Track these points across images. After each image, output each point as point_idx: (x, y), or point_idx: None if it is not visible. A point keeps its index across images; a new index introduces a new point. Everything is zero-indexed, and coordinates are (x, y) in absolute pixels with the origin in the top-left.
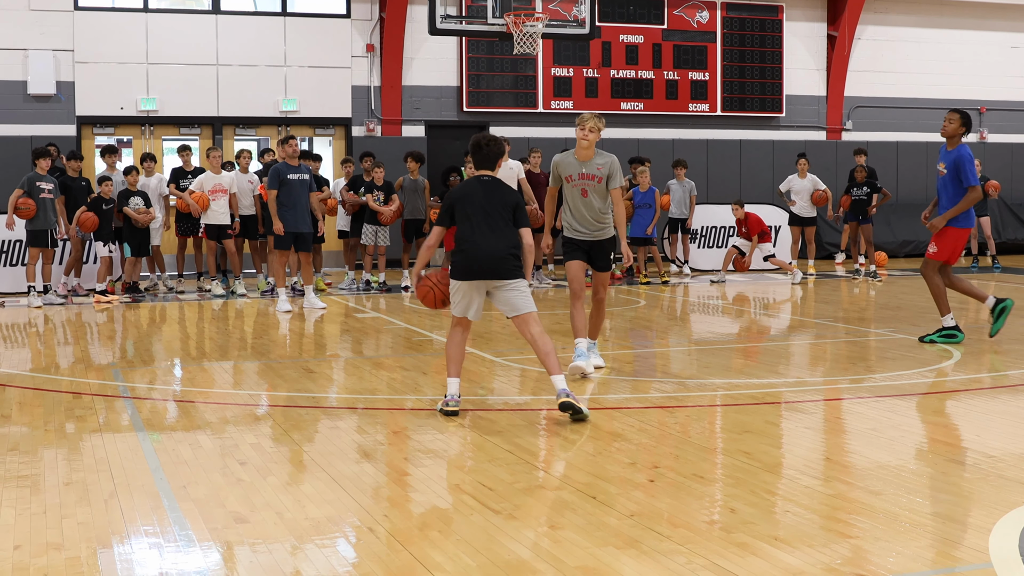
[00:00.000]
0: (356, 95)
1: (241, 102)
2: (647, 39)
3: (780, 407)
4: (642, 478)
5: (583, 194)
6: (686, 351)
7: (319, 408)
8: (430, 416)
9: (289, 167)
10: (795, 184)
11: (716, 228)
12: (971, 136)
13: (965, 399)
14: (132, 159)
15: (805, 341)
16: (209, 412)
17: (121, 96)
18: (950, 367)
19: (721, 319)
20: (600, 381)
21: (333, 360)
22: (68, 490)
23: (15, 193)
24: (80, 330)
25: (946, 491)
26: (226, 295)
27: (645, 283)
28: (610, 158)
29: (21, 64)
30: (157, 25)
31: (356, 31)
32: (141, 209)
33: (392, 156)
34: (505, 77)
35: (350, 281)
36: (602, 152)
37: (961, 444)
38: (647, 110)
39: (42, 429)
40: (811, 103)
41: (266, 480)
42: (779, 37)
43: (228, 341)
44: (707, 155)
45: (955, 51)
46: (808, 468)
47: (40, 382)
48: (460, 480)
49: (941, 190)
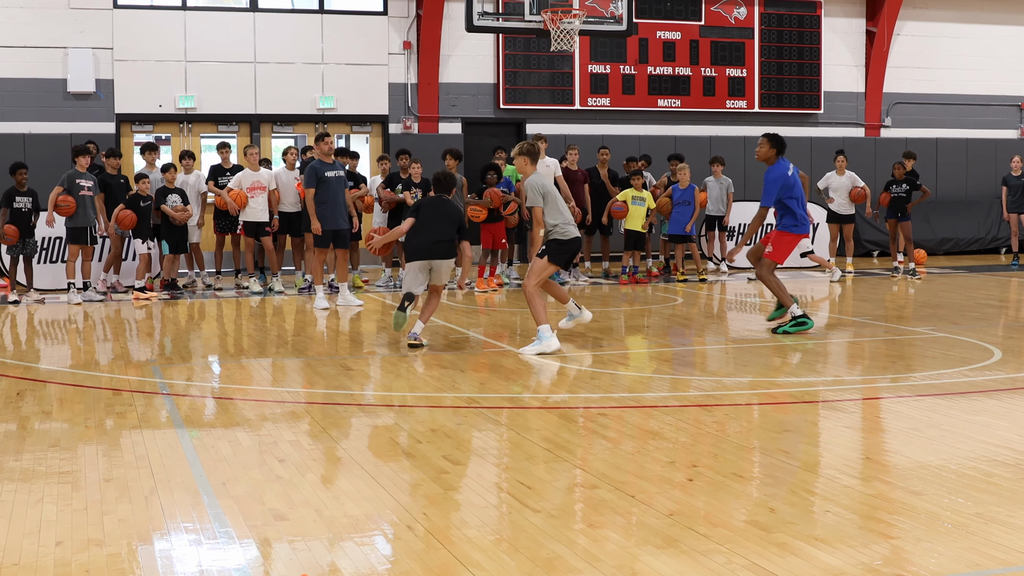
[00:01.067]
0: (393, 92)
1: (278, 99)
2: (684, 35)
3: (819, 406)
4: (681, 477)
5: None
6: (724, 349)
7: (357, 405)
8: (468, 414)
9: (325, 164)
10: (833, 181)
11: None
12: (1011, 132)
13: (1006, 398)
14: (171, 156)
15: (844, 339)
16: (247, 409)
17: (159, 94)
18: (991, 366)
19: (759, 317)
20: (638, 379)
21: (370, 357)
22: (108, 486)
23: (55, 190)
24: (119, 327)
25: (988, 492)
26: (264, 292)
27: (682, 280)
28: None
29: (61, 62)
30: (195, 23)
31: (393, 28)
32: (178, 207)
33: (429, 153)
34: (542, 74)
35: (387, 278)
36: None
37: (1003, 444)
38: (684, 107)
39: (82, 425)
40: (849, 99)
41: (304, 477)
42: (817, 33)
43: (266, 338)
44: (745, 152)
45: (995, 47)
46: (848, 467)
47: (80, 378)
48: (498, 478)
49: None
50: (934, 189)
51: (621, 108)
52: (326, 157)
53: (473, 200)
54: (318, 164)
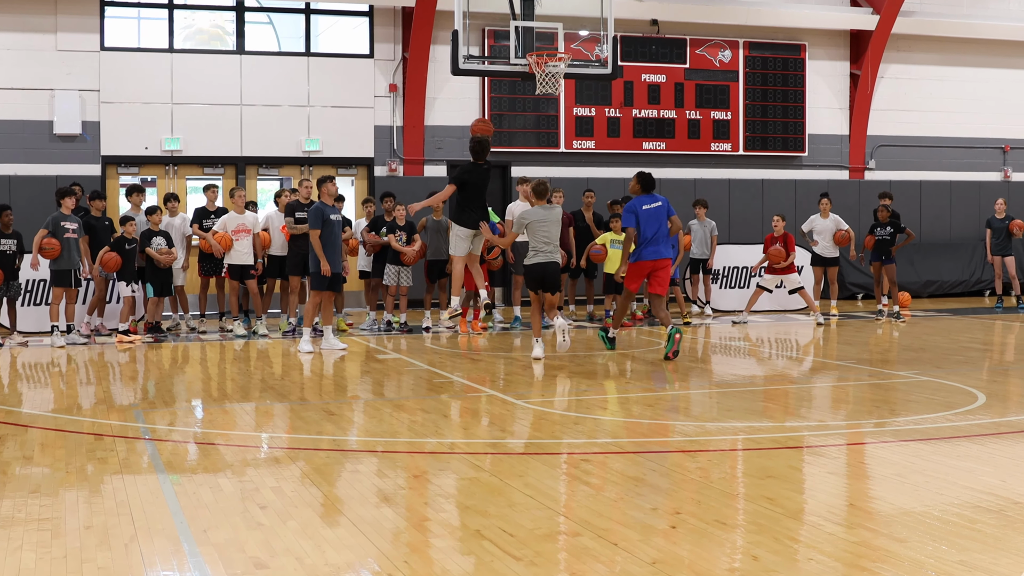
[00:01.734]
0: (379, 135)
1: (264, 142)
2: (669, 78)
3: (803, 451)
4: (664, 524)
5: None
6: (707, 393)
7: (340, 451)
8: (451, 460)
9: (328, 207)
10: (817, 224)
11: (738, 268)
12: (995, 174)
13: (990, 443)
14: (156, 199)
15: (827, 383)
16: (230, 454)
17: (146, 136)
18: (975, 410)
19: (743, 360)
20: (621, 424)
21: (354, 402)
22: (89, 534)
23: (40, 233)
24: (102, 370)
25: (973, 539)
26: (248, 335)
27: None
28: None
29: (48, 104)
30: (182, 65)
31: (379, 71)
32: (163, 249)
33: (414, 196)
34: (527, 117)
35: (371, 322)
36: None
37: (987, 490)
38: (669, 149)
39: (63, 471)
40: (834, 142)
41: (286, 524)
42: (802, 76)
43: (249, 382)
44: (729, 195)
45: (978, 90)
46: (831, 514)
47: (62, 423)
48: (481, 525)
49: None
50: (918, 231)
51: (606, 151)
52: (329, 199)
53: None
54: (323, 206)
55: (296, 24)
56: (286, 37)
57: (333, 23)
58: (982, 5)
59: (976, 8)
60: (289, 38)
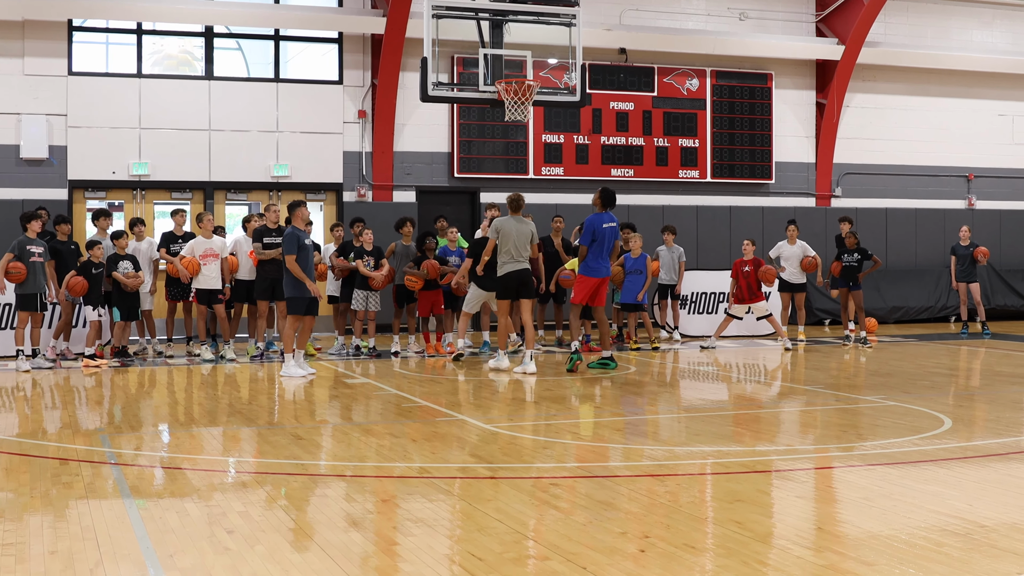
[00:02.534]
0: (348, 160)
1: (233, 167)
2: (637, 106)
3: (771, 475)
4: (633, 548)
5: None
6: (676, 418)
7: (308, 475)
8: (419, 484)
9: (301, 232)
10: (784, 250)
11: (706, 294)
12: (959, 202)
13: (957, 467)
14: (123, 223)
15: (795, 408)
16: (197, 479)
17: (113, 160)
18: (942, 435)
19: (711, 385)
20: (590, 448)
21: (322, 426)
22: (53, 559)
23: (5, 257)
24: (68, 395)
25: (939, 562)
26: (215, 360)
27: (635, 349)
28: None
29: (14, 128)
30: (150, 90)
31: (348, 97)
32: (130, 273)
33: (382, 221)
34: (496, 143)
35: (340, 346)
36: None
37: (953, 513)
38: (637, 176)
39: (28, 495)
40: (800, 170)
41: (253, 549)
42: (768, 105)
43: (216, 407)
44: (697, 221)
45: (943, 119)
46: (800, 538)
47: (27, 447)
48: (450, 550)
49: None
50: (884, 258)
51: (575, 177)
52: (302, 224)
53: (411, 270)
54: (297, 231)
55: (265, 50)
56: (255, 63)
57: (302, 49)
58: (946, 36)
59: (940, 39)
60: (258, 64)
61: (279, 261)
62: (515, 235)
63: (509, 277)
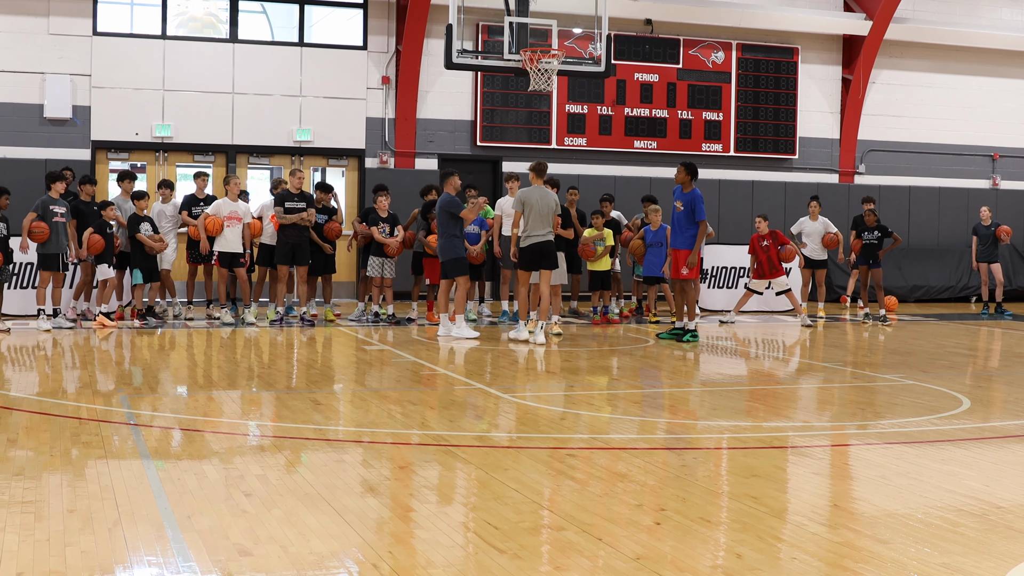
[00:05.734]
0: (370, 127)
1: (255, 131)
2: (662, 78)
3: (787, 451)
4: (648, 520)
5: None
6: (694, 392)
7: (325, 440)
8: (436, 452)
9: (455, 199)
10: (806, 226)
11: (727, 268)
12: (983, 182)
13: (974, 448)
14: (145, 185)
15: (813, 385)
16: (215, 441)
17: (136, 122)
18: (960, 415)
19: (730, 360)
20: (607, 421)
21: (340, 392)
22: (72, 517)
23: (29, 216)
24: (88, 355)
25: (955, 541)
26: (235, 323)
27: (654, 322)
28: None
29: (38, 87)
30: (174, 52)
31: (372, 63)
32: (155, 236)
33: (404, 188)
34: (519, 112)
35: (360, 312)
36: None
37: (970, 494)
38: (660, 148)
39: (48, 454)
40: (824, 146)
41: (271, 512)
42: (794, 79)
43: (236, 370)
44: (719, 195)
45: (969, 97)
46: (815, 514)
47: (47, 406)
48: (465, 517)
49: (676, 224)
50: (906, 237)
51: (597, 148)
52: (455, 192)
53: (424, 239)
54: (454, 199)
55: (290, 14)
56: (280, 27)
57: (327, 14)
58: (975, 13)
59: (969, 16)
60: (283, 28)
61: (300, 226)
62: (538, 206)
63: (531, 249)
